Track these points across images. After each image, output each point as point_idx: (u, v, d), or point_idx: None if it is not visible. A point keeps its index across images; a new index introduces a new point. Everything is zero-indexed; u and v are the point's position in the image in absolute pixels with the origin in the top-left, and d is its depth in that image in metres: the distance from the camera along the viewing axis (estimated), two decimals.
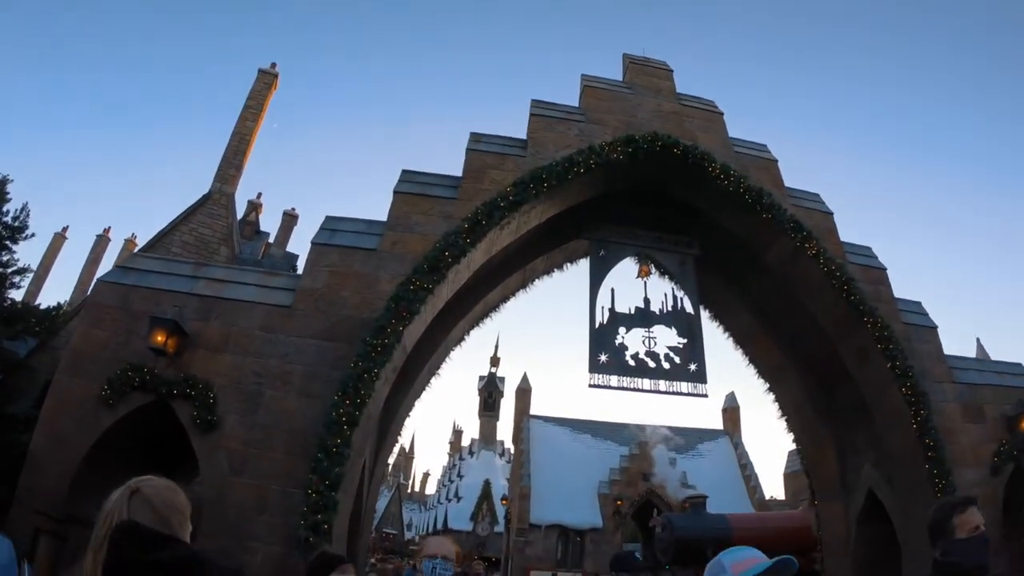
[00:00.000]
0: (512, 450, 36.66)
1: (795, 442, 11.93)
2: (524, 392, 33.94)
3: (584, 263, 10.79)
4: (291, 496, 6.62)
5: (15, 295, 12.80)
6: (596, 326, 9.79)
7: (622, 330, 9.94)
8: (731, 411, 34.12)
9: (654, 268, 10.81)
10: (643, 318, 10.17)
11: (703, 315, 10.86)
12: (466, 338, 11.46)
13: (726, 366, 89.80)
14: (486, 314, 11.58)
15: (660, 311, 10.29)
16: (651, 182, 10.19)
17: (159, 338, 7.03)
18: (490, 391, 46.37)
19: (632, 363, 9.69)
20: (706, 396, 9.81)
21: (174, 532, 1.51)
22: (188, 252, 14.26)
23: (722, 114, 10.90)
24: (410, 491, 66.71)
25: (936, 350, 9.91)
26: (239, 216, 17.90)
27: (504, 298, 11.65)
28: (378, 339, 7.22)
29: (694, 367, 9.87)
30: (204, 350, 7.36)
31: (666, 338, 10.05)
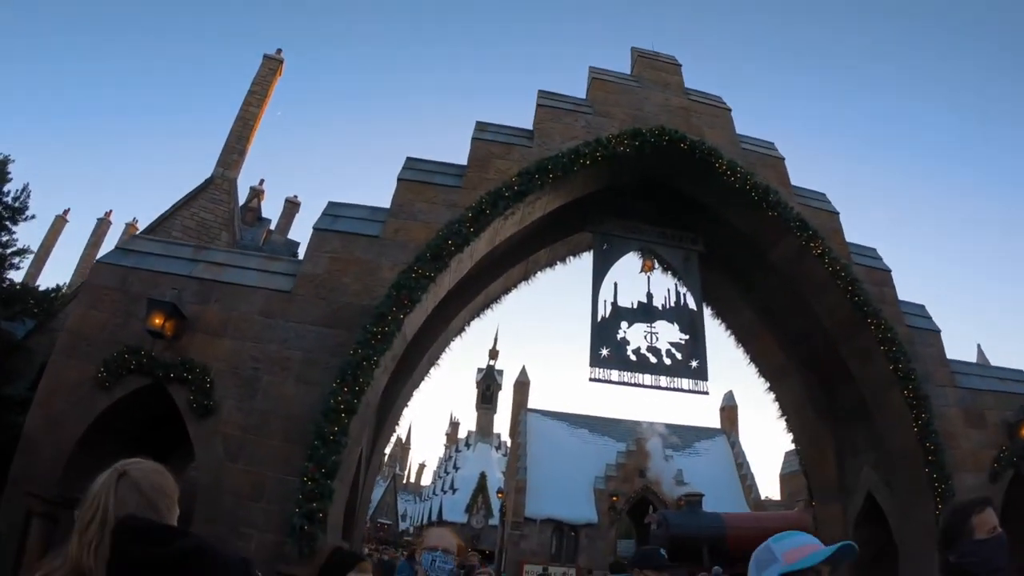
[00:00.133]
0: (509, 443, 36.65)
1: (794, 442, 11.87)
2: (522, 385, 33.90)
3: (587, 256, 10.73)
4: (287, 483, 6.56)
5: (14, 276, 12.77)
6: (598, 320, 9.73)
7: (624, 324, 9.89)
8: (729, 410, 34.06)
9: (658, 263, 10.75)
10: (645, 313, 10.12)
11: (705, 312, 10.80)
12: (467, 328, 11.42)
13: (725, 365, 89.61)
14: (487, 305, 11.53)
15: (663, 306, 10.24)
16: (657, 176, 10.12)
17: (157, 321, 6.95)
18: (488, 384, 46.34)
19: (633, 358, 9.65)
20: (707, 393, 9.80)
21: (162, 516, 1.48)
22: (189, 236, 14.19)
23: (730, 110, 10.80)
24: (405, 482, 66.90)
25: (939, 354, 9.87)
26: (241, 202, 17.83)
27: (506, 289, 11.59)
28: (378, 327, 7.15)
29: (695, 364, 9.84)
30: (202, 334, 7.29)
31: (668, 334, 10.03)
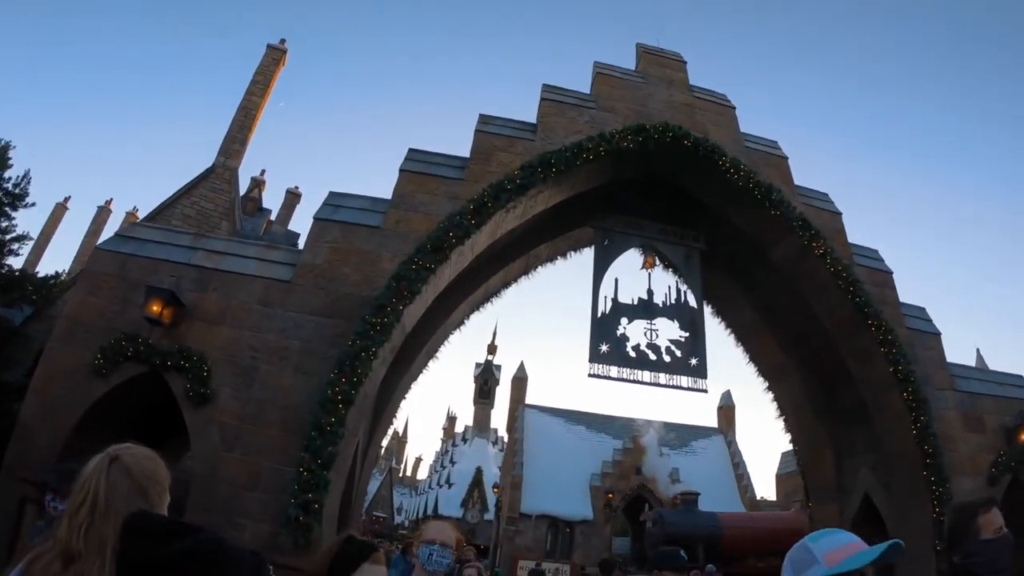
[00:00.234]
0: (505, 438, 36.65)
1: (792, 442, 11.84)
2: (520, 381, 33.88)
3: (588, 252, 10.68)
4: (283, 474, 6.53)
5: (13, 263, 12.70)
6: (598, 315, 9.69)
7: (624, 321, 9.86)
8: (726, 409, 34.05)
9: (659, 260, 10.72)
10: (646, 310, 10.08)
11: (706, 310, 10.77)
12: (466, 322, 11.37)
13: (723, 364, 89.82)
14: (487, 298, 11.48)
15: (663, 303, 10.21)
16: (660, 173, 10.08)
17: (155, 308, 6.91)
18: (486, 378, 46.31)
19: (633, 354, 9.62)
20: (705, 391, 9.77)
21: (151, 503, 1.48)
22: (189, 225, 14.15)
23: (734, 108, 10.76)
24: (401, 475, 66.90)
25: (939, 357, 9.86)
26: (242, 192, 17.77)
27: (506, 283, 11.55)
28: (377, 317, 7.11)
29: (695, 361, 9.81)
30: (200, 322, 7.24)
31: (668, 331, 10.00)
